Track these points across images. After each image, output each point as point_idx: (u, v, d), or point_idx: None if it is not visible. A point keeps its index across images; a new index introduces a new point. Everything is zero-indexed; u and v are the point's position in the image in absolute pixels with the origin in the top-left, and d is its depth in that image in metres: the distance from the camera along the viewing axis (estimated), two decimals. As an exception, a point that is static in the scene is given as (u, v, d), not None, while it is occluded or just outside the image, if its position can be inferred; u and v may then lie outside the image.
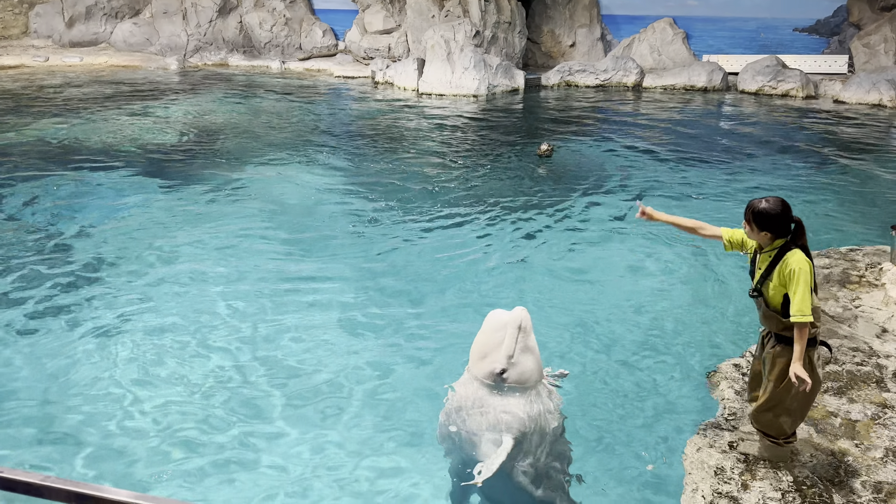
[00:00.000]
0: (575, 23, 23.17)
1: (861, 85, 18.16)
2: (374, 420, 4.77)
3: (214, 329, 5.96)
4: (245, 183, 10.64)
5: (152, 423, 4.72)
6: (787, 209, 3.67)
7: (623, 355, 5.55)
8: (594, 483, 4.16)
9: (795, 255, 3.60)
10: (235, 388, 5.12)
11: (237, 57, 26.01)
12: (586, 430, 4.63)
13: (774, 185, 10.68)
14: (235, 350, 5.65)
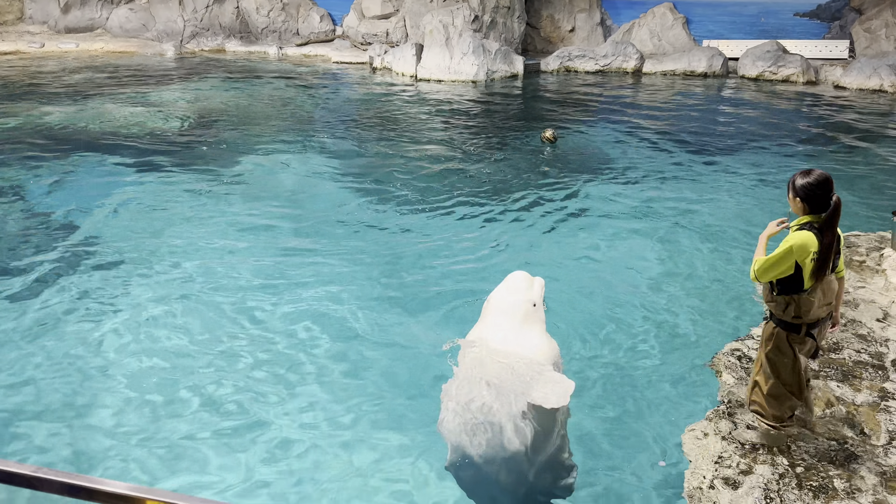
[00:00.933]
0: (574, 7, 22.99)
1: (862, 70, 18.06)
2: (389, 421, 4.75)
3: (214, 316, 5.94)
4: (245, 169, 10.58)
5: (146, 410, 4.70)
6: (827, 186, 3.67)
7: (625, 343, 5.52)
8: (596, 472, 4.14)
9: (797, 233, 3.65)
10: (231, 374, 5.10)
11: (234, 43, 25.81)
12: (586, 419, 4.62)
13: (775, 171, 10.63)
14: (237, 334, 5.62)
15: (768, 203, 9.16)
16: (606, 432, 4.49)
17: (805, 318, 3.73)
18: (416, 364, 5.23)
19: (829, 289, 3.77)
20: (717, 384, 4.68)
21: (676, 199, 9.26)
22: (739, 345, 5.14)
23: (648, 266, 7.05)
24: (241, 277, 6.67)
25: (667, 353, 5.37)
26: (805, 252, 3.60)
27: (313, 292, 6.38)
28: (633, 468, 4.17)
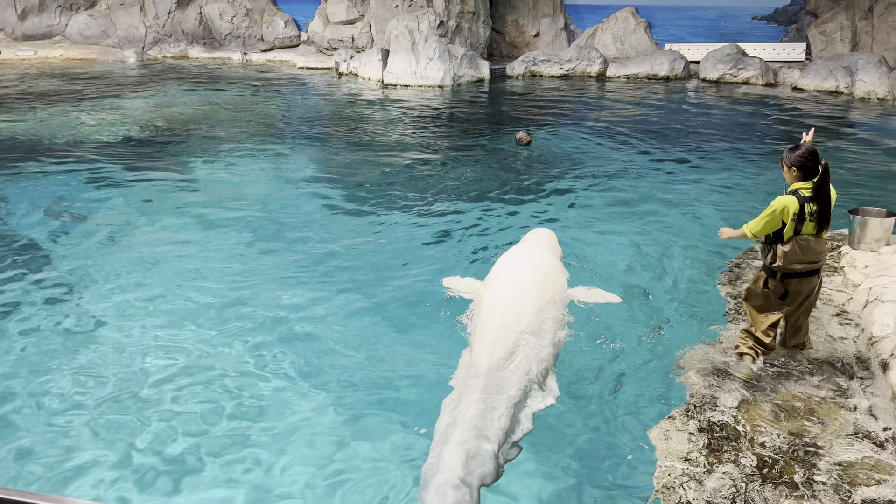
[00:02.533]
0: (538, 13, 23.19)
1: (818, 72, 18.50)
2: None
3: (178, 326, 5.85)
4: (210, 177, 10.46)
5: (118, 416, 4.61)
6: (815, 156, 4.55)
7: (594, 344, 5.57)
8: (565, 470, 4.17)
9: (780, 197, 4.58)
10: (189, 385, 5.03)
11: (197, 49, 25.53)
12: (555, 418, 4.65)
13: (738, 170, 10.83)
14: (199, 345, 5.55)
15: (732, 202, 9.33)
16: (576, 431, 4.52)
17: (781, 266, 4.63)
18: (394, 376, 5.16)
19: (808, 248, 4.59)
20: (684, 384, 4.75)
21: (645, 200, 9.40)
22: (707, 347, 5.22)
23: (617, 267, 7.13)
24: (207, 290, 6.57)
25: (636, 353, 5.43)
26: (786, 212, 4.50)
27: (283, 302, 6.30)
28: (603, 466, 4.21)
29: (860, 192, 9.46)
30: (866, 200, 8.63)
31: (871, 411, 4.38)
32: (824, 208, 4.53)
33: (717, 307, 6.08)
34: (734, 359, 4.97)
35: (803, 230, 4.55)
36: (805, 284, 4.72)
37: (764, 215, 4.57)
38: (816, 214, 4.52)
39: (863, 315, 5.45)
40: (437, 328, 5.81)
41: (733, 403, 4.44)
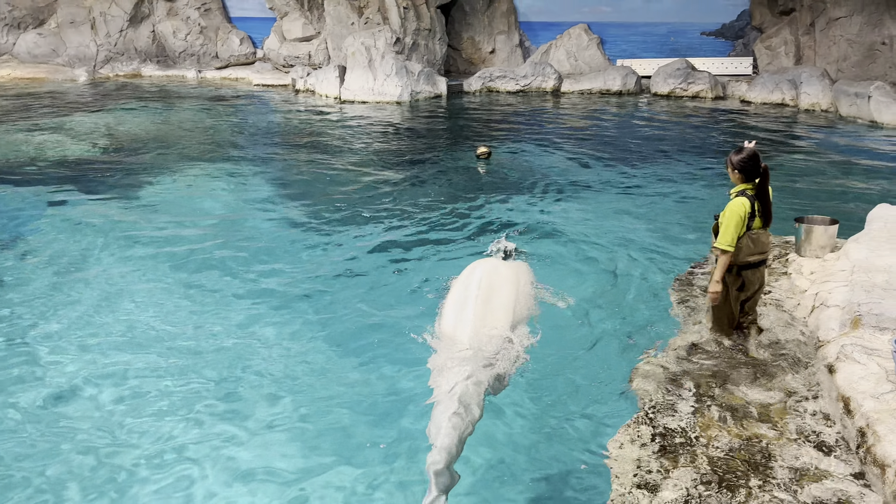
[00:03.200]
0: (494, 30, 23.48)
1: (765, 85, 19.08)
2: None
3: (125, 351, 5.74)
4: (163, 196, 10.32)
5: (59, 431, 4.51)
6: (756, 159, 4.98)
7: (547, 357, 5.63)
8: (521, 482, 4.21)
9: (736, 200, 5.00)
10: (146, 405, 4.94)
11: (151, 67, 25.20)
12: (512, 430, 4.68)
13: (689, 181, 11.09)
14: (146, 371, 5.45)
15: (685, 210, 9.55)
16: (531, 444, 4.56)
17: (737, 260, 5.09)
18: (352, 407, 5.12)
19: (758, 241, 5.10)
20: (637, 392, 4.83)
21: (600, 211, 9.57)
22: (655, 352, 5.32)
23: (573, 276, 7.23)
24: (161, 316, 6.46)
25: (590, 362, 5.51)
26: (744, 213, 4.97)
27: (238, 328, 6.19)
28: (558, 476, 4.25)
29: (806, 201, 9.77)
30: (811, 209, 8.92)
31: (820, 413, 4.52)
32: (768, 205, 5.08)
33: (669, 315, 6.20)
34: (687, 365, 5.08)
35: (753, 226, 5.07)
36: (757, 274, 5.25)
37: (731, 225, 4.96)
38: (761, 211, 5.05)
39: (810, 320, 5.62)
40: (394, 354, 5.80)
41: (687, 410, 4.54)
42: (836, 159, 12.67)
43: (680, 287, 6.75)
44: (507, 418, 4.80)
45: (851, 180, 11.26)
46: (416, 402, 4.85)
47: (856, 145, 13.87)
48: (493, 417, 4.78)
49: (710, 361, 5.16)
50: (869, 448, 3.84)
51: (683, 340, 5.56)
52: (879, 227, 6.85)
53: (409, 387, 5.17)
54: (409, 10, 20.80)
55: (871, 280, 5.60)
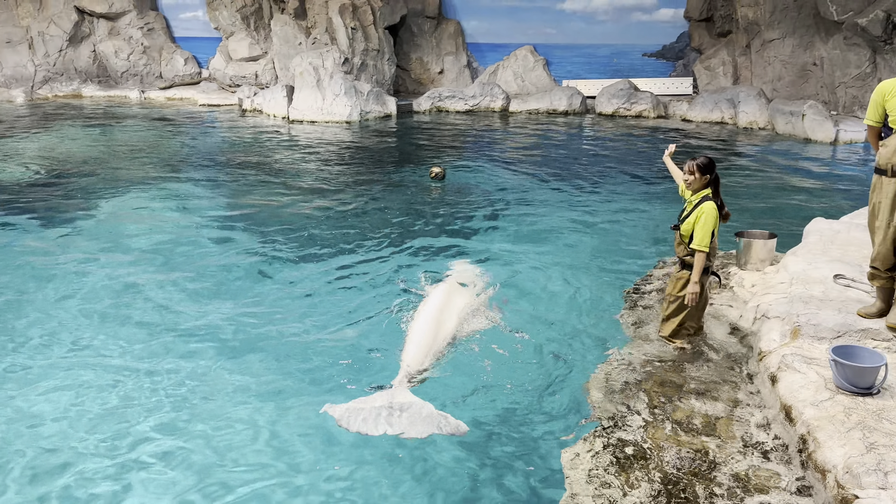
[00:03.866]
0: (442, 51, 23.71)
1: (705, 104, 19.71)
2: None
3: (66, 379, 5.56)
4: (103, 221, 10.05)
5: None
6: (713, 164, 5.49)
7: (503, 372, 5.66)
8: (472, 496, 4.20)
9: (709, 204, 5.35)
10: (75, 446, 4.78)
11: (91, 87, 24.62)
12: (468, 447, 4.68)
13: (632, 198, 11.34)
14: (83, 397, 5.28)
15: (631, 224, 9.75)
16: (487, 458, 4.57)
17: (711, 263, 5.48)
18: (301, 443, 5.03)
19: (715, 246, 5.52)
20: (590, 406, 4.89)
21: (551, 228, 9.71)
22: (607, 367, 5.41)
23: (525, 292, 7.30)
24: (97, 347, 6.26)
25: (543, 378, 5.55)
26: (716, 215, 5.33)
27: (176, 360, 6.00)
28: (512, 492, 4.26)
29: (746, 216, 10.09)
30: (751, 224, 9.23)
31: (763, 422, 4.65)
32: (724, 210, 5.51)
33: (619, 328, 6.32)
34: (637, 376, 5.17)
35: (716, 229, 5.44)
36: (709, 279, 5.62)
37: (708, 225, 5.29)
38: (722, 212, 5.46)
39: (751, 331, 5.79)
40: (338, 388, 5.75)
41: (637, 422, 4.62)
42: (773, 175, 13.14)
43: (629, 300, 6.88)
44: (461, 436, 4.80)
45: (788, 195, 11.69)
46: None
47: (792, 162, 14.41)
48: (450, 437, 4.78)
49: (660, 373, 5.26)
50: (810, 454, 3.96)
51: (634, 352, 5.66)
52: (815, 241, 7.13)
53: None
54: (356, 31, 20.86)
55: (809, 291, 5.81)
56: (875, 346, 4.93)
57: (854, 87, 17.90)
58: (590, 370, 5.45)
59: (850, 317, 5.30)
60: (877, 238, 5.08)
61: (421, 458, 4.56)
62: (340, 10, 20.72)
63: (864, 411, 4.14)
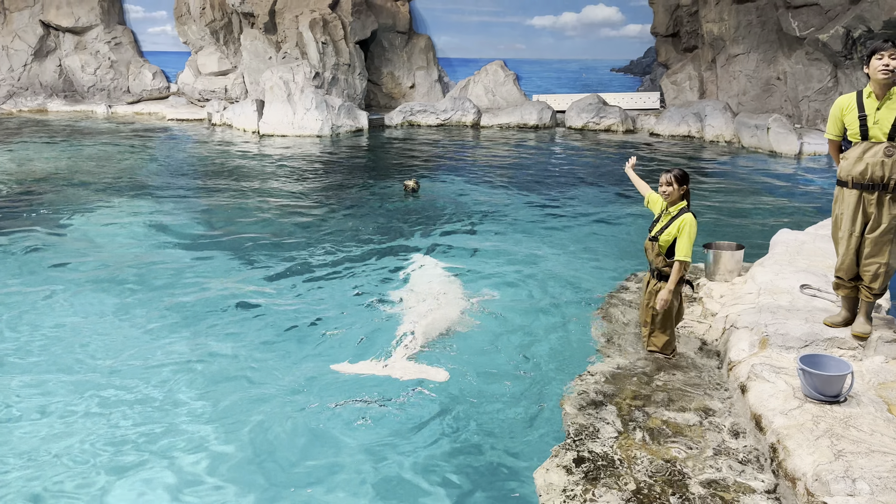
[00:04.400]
0: (413, 65, 23.81)
1: (672, 118, 20.03)
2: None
3: (32, 388, 5.42)
4: (69, 237, 9.86)
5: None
6: (687, 175, 5.56)
7: (476, 389, 5.65)
8: (448, 500, 4.18)
9: (689, 216, 5.43)
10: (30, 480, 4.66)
11: (57, 102, 24.27)
12: (442, 463, 4.65)
13: (605, 209, 11.44)
14: (45, 415, 5.16)
15: (604, 241, 9.83)
16: (459, 473, 4.54)
17: (685, 273, 5.49)
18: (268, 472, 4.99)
19: None
20: (562, 418, 4.89)
21: (523, 240, 9.77)
22: (580, 380, 5.42)
23: (498, 305, 7.30)
24: (63, 365, 6.13)
25: (514, 390, 5.55)
26: (696, 226, 5.41)
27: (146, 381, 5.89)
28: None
29: (714, 228, 10.24)
30: (719, 235, 9.36)
31: (734, 431, 4.69)
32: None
33: (591, 341, 6.34)
34: (610, 388, 5.19)
35: None
36: (685, 284, 5.69)
37: (692, 236, 5.36)
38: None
39: (721, 341, 5.86)
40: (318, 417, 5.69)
41: (610, 434, 4.63)
42: (740, 187, 13.37)
43: (601, 312, 6.92)
44: (436, 445, 4.77)
45: (755, 207, 11.89)
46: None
47: (758, 174, 14.68)
48: (421, 446, 4.75)
49: (632, 384, 5.29)
50: (780, 462, 4.00)
51: (606, 365, 5.68)
52: (782, 251, 7.24)
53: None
54: (327, 46, 20.86)
55: (776, 302, 5.90)
56: (841, 355, 5.02)
57: (817, 100, 18.34)
58: (563, 384, 5.46)
59: (816, 326, 5.38)
60: (840, 248, 5.18)
61: (392, 473, 4.52)
62: (311, 25, 20.72)
63: (831, 419, 4.20)
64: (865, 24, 16.25)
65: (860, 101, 4.91)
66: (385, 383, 5.63)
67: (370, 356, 6.05)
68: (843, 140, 5.07)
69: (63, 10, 24.34)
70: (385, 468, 4.59)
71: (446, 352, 6.23)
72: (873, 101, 4.85)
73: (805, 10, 17.85)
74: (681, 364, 5.65)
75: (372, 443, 4.84)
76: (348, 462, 4.65)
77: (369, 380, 5.68)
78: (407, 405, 5.32)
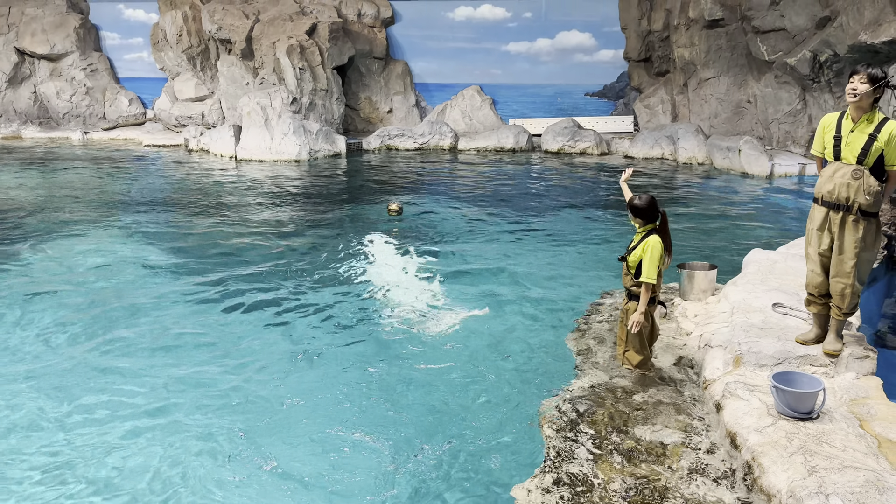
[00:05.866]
0: (390, 90, 23.97)
1: (645, 141, 20.32)
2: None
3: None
4: (42, 264, 9.74)
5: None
6: (654, 205, 5.55)
7: (454, 411, 5.65)
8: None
9: (654, 237, 5.47)
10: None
11: (32, 129, 24.06)
12: (421, 483, 4.64)
13: (582, 232, 11.55)
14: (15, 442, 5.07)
15: (581, 260, 9.91)
16: (438, 497, 4.53)
17: (657, 293, 5.60)
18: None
19: (660, 278, 5.63)
20: (541, 439, 4.91)
21: (502, 260, 9.80)
22: (557, 400, 5.45)
23: (477, 323, 7.33)
24: (36, 383, 6.05)
25: (492, 410, 5.56)
26: (661, 248, 5.46)
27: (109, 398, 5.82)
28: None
29: (687, 248, 10.38)
30: (692, 255, 9.49)
31: (710, 449, 4.74)
32: (668, 245, 5.64)
33: (568, 360, 6.38)
34: (587, 407, 5.22)
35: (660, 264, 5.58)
36: (655, 311, 5.78)
37: (655, 258, 5.43)
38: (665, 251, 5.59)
39: (696, 360, 5.93)
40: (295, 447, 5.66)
41: (587, 455, 4.65)
42: (712, 208, 13.58)
43: (577, 331, 6.97)
44: (411, 467, 4.76)
45: (727, 227, 12.08)
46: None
47: (730, 195, 14.93)
48: (400, 465, 4.73)
49: (609, 403, 5.32)
50: (756, 479, 4.05)
51: (583, 382, 5.72)
52: (754, 271, 7.36)
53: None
54: (304, 71, 20.96)
55: (749, 320, 5.99)
56: (814, 372, 5.10)
57: (786, 122, 18.73)
58: (539, 402, 5.48)
59: (789, 344, 5.47)
60: (809, 264, 5.31)
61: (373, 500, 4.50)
62: (288, 51, 20.82)
63: (805, 436, 4.26)
64: (831, 48, 16.69)
65: (839, 121, 5.09)
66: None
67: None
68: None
69: (38, 38, 24.24)
70: (366, 477, 4.57)
71: (424, 369, 6.24)
72: (849, 123, 5.01)
73: (773, 35, 18.29)
74: (657, 382, 5.70)
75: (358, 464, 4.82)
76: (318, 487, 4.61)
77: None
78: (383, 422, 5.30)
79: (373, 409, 5.65)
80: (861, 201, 4.92)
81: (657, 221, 5.58)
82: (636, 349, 5.72)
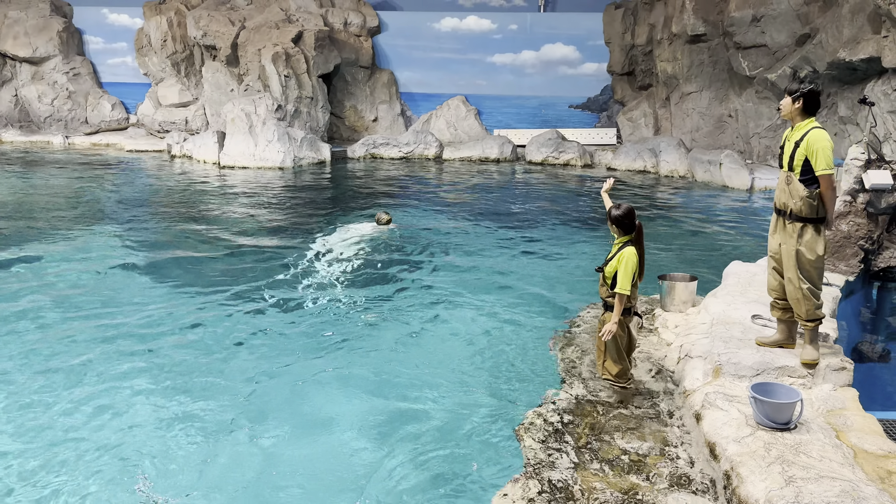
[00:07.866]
0: (376, 99, 24.01)
1: (628, 154, 20.50)
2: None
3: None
4: (17, 270, 9.64)
5: None
6: (632, 216, 5.55)
7: (435, 420, 5.66)
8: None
9: (629, 249, 5.47)
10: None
11: (12, 132, 23.79)
12: (399, 492, 4.64)
13: (565, 243, 11.62)
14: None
15: (562, 270, 9.97)
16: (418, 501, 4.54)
17: (633, 304, 5.59)
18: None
19: (636, 290, 5.60)
20: (521, 449, 4.93)
21: (487, 270, 9.83)
22: (539, 409, 5.47)
23: (461, 334, 7.34)
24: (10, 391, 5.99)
25: (475, 420, 5.57)
26: (636, 260, 5.44)
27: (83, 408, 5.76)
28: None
29: (668, 260, 10.48)
30: (673, 267, 9.58)
31: (690, 459, 4.78)
32: (642, 257, 5.61)
33: (550, 370, 6.41)
34: (569, 417, 5.25)
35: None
36: (631, 322, 5.75)
37: (628, 271, 5.38)
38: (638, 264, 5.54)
39: (676, 371, 5.98)
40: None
41: (568, 464, 4.68)
42: (693, 221, 13.72)
43: (560, 342, 7.00)
44: (395, 478, 4.75)
45: (708, 240, 12.20)
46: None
47: (710, 208, 15.09)
48: (384, 479, 4.73)
49: (590, 413, 5.36)
50: (734, 489, 4.09)
51: (564, 393, 5.75)
52: (734, 283, 7.45)
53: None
54: (290, 79, 20.94)
55: (729, 332, 6.06)
56: (792, 383, 5.17)
57: (767, 137, 18.99)
58: (522, 412, 5.50)
59: (768, 355, 5.54)
60: (768, 268, 5.59)
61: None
62: (273, 59, 20.81)
63: (782, 446, 4.31)
64: (811, 64, 16.96)
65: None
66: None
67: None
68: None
69: (20, 40, 24.04)
70: (341, 483, 4.56)
71: (406, 376, 6.24)
72: (789, 133, 5.39)
73: (754, 51, 18.57)
74: (637, 393, 5.75)
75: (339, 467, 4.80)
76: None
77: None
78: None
79: (350, 416, 5.64)
80: (793, 206, 5.23)
81: (633, 233, 5.58)
82: (613, 359, 5.67)
